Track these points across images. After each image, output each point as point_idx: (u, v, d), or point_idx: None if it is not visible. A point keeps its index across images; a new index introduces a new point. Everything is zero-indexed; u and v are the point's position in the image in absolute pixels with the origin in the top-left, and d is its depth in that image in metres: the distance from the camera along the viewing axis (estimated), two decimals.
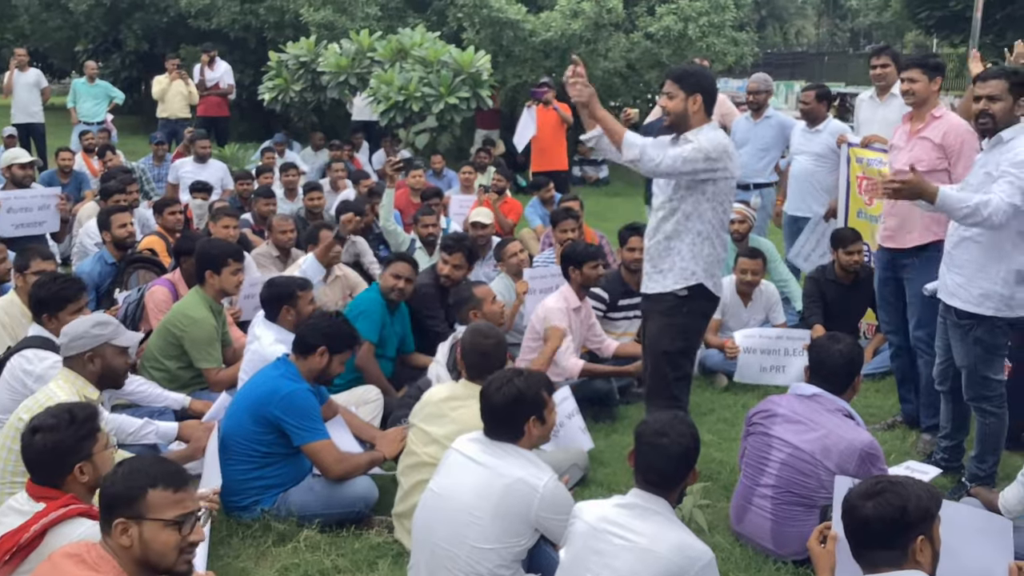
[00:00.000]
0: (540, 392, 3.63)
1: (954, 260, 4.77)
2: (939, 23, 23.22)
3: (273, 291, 5.40)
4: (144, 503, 2.67)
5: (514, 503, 3.42)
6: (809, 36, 46.65)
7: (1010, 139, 4.55)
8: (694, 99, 4.59)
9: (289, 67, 15.03)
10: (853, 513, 2.80)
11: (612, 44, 15.97)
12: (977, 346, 4.72)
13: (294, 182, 10.60)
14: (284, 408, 4.33)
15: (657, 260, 4.77)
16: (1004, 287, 4.59)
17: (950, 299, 4.79)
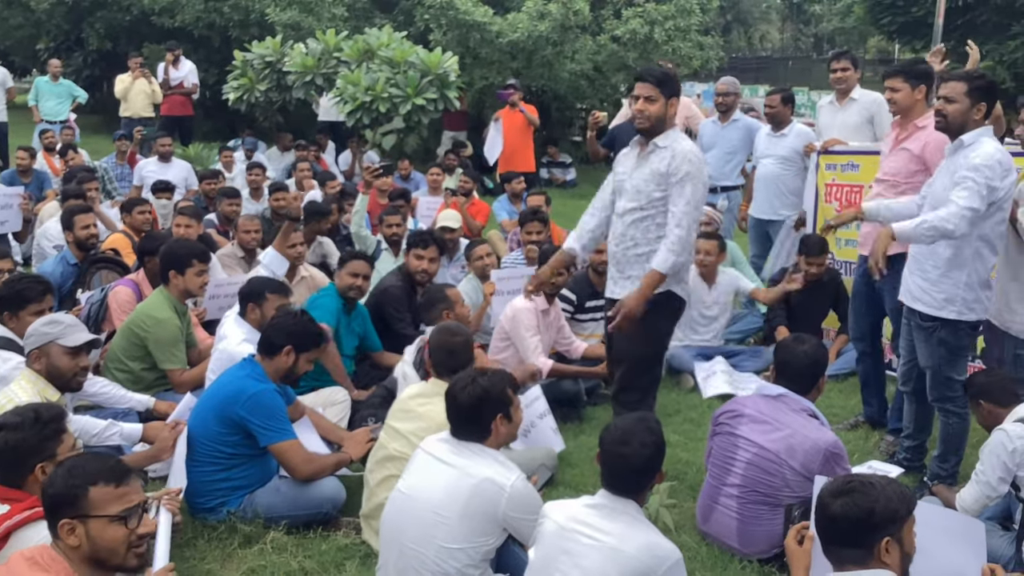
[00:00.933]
0: (505, 390, 3.64)
1: (918, 264, 4.83)
2: (901, 28, 23.44)
3: (248, 287, 5.40)
4: (87, 501, 2.67)
5: (482, 503, 3.41)
6: (773, 41, 47.04)
7: (971, 143, 4.60)
8: (672, 103, 4.65)
9: (254, 67, 14.92)
10: (822, 510, 2.83)
11: (579, 46, 16.02)
12: (941, 347, 4.78)
13: (259, 182, 10.54)
14: (250, 408, 4.30)
15: (624, 266, 4.79)
16: (967, 291, 4.66)
17: (914, 303, 4.85)
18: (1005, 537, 4.17)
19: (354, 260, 6.06)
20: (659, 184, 4.63)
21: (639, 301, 4.60)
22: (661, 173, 4.61)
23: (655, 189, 4.65)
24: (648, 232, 4.69)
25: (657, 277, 4.61)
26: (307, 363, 4.57)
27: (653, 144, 4.65)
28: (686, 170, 4.56)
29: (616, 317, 4.66)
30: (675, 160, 4.59)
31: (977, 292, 4.67)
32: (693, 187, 4.57)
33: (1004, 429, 4.14)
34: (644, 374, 4.82)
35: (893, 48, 33.21)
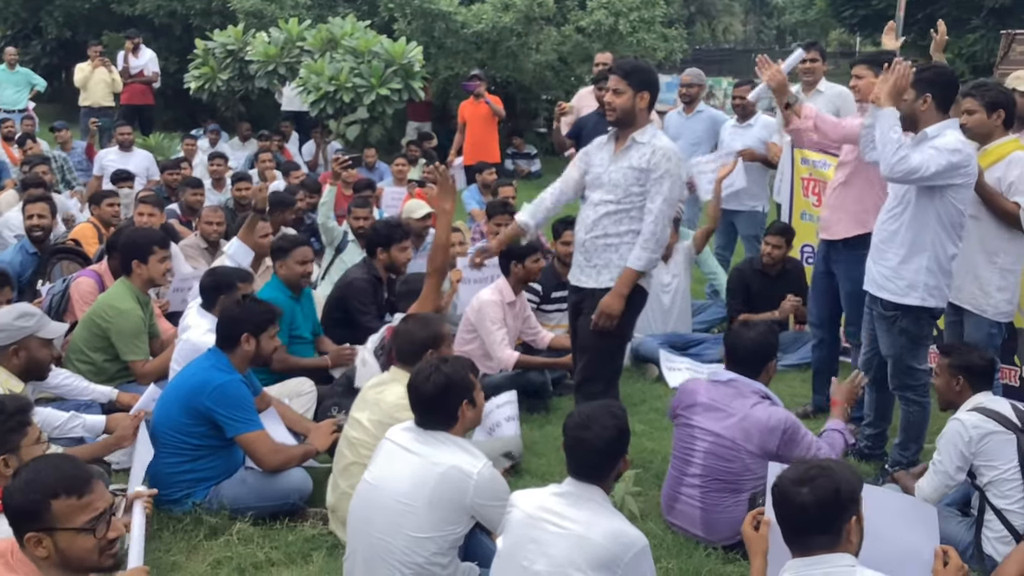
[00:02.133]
0: (467, 375, 3.66)
1: (880, 252, 4.90)
2: (862, 21, 23.68)
3: (213, 280, 5.34)
4: (50, 515, 2.57)
5: (448, 490, 3.41)
6: (736, 33, 47.25)
7: (934, 136, 4.65)
8: (642, 96, 4.64)
9: (216, 55, 14.76)
10: (789, 500, 2.82)
11: (543, 37, 16.02)
12: (903, 336, 4.86)
13: (221, 172, 10.45)
14: (216, 399, 4.27)
15: (592, 255, 4.80)
16: (928, 276, 4.73)
17: (877, 291, 4.92)
18: (964, 523, 4.25)
19: (300, 247, 6.01)
20: (638, 179, 4.65)
21: (617, 300, 4.65)
22: (641, 169, 4.64)
23: (633, 184, 4.66)
24: (620, 225, 4.71)
25: (633, 275, 4.66)
26: (270, 340, 4.56)
27: (632, 139, 4.67)
28: (665, 167, 4.59)
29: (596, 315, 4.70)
30: (655, 157, 4.61)
31: (938, 278, 4.75)
32: (671, 185, 4.61)
33: (959, 419, 4.20)
34: (607, 364, 4.86)
35: (854, 41, 33.50)
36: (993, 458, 4.08)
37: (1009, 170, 4.88)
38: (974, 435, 4.09)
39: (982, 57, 19.87)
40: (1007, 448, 4.06)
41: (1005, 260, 4.98)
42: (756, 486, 4.20)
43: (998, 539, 4.07)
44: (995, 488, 4.09)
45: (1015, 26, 14.38)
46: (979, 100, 4.92)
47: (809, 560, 2.79)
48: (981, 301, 5.01)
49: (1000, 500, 4.08)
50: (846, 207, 5.52)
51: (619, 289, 4.65)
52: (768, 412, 4.22)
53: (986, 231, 4.97)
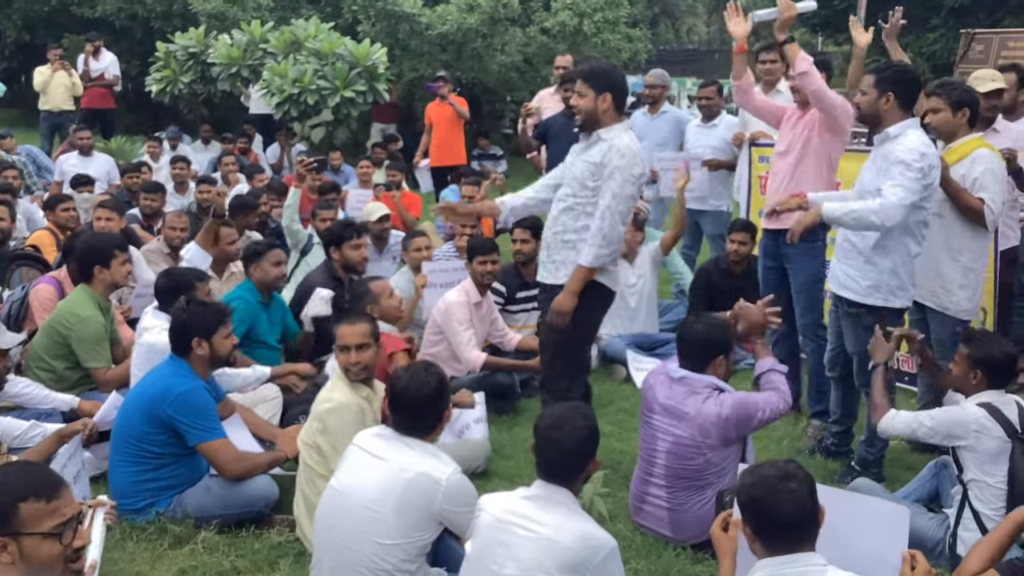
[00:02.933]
0: (447, 380, 3.69)
1: (845, 252, 4.93)
2: (824, 21, 23.84)
3: (170, 281, 5.27)
4: (17, 519, 2.51)
5: (416, 497, 3.39)
6: (700, 34, 47.53)
7: (896, 135, 4.70)
8: (603, 98, 4.64)
9: (178, 58, 14.64)
10: (779, 498, 2.81)
11: (508, 38, 16.02)
12: (868, 334, 4.86)
13: (184, 176, 10.35)
14: (178, 407, 4.22)
15: (553, 251, 4.81)
16: (892, 277, 4.76)
17: (841, 290, 4.96)
18: (934, 519, 4.27)
19: (274, 250, 6.00)
20: (593, 174, 4.65)
21: (568, 298, 4.65)
22: (596, 163, 4.63)
23: (588, 178, 4.66)
24: (577, 220, 4.70)
25: (583, 272, 4.64)
26: (224, 340, 4.47)
27: (597, 135, 4.68)
28: (616, 164, 4.57)
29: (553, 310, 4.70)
30: (608, 153, 4.60)
31: (902, 279, 4.78)
32: (621, 182, 4.57)
33: (965, 408, 4.17)
34: (571, 362, 4.85)
35: (816, 41, 33.75)
36: (984, 462, 4.07)
37: (973, 167, 4.92)
38: (973, 428, 4.08)
39: (942, 56, 20.07)
40: (1000, 457, 4.04)
41: (968, 258, 5.03)
42: (721, 481, 4.22)
43: (972, 540, 4.05)
44: (979, 492, 4.09)
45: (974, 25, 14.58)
46: (945, 99, 4.96)
47: (781, 560, 2.78)
48: (943, 299, 5.06)
49: (981, 504, 4.08)
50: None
51: (570, 287, 4.66)
52: (719, 402, 4.22)
53: (950, 229, 5.01)
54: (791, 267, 5.68)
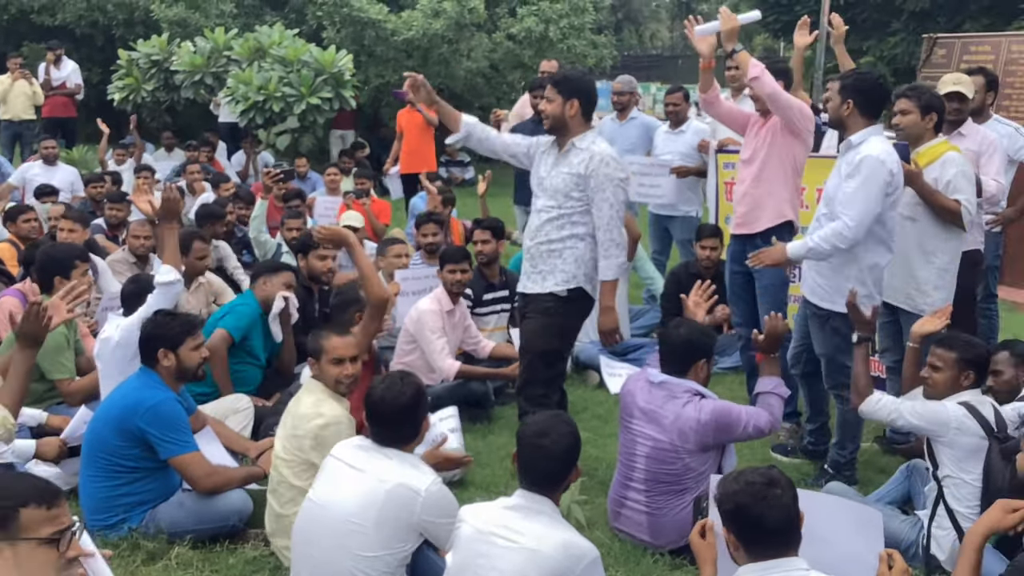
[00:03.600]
0: (424, 390, 3.66)
1: (815, 260, 4.99)
2: (786, 27, 24.07)
3: (136, 287, 5.21)
4: (17, 523, 2.51)
5: (396, 508, 3.36)
6: (664, 39, 47.69)
7: (858, 143, 4.78)
8: (571, 104, 4.67)
9: (140, 66, 14.50)
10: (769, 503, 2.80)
11: (474, 44, 16.01)
12: (835, 336, 4.95)
13: (149, 185, 10.20)
14: (149, 420, 4.14)
15: (537, 261, 4.82)
16: (859, 285, 4.81)
17: (810, 295, 5.04)
18: (907, 521, 4.30)
19: (285, 271, 5.98)
20: (577, 185, 4.69)
21: (610, 316, 4.84)
22: (579, 175, 4.67)
23: (573, 189, 4.70)
24: (562, 230, 4.74)
25: (610, 286, 4.78)
26: (191, 352, 4.38)
27: (571, 144, 4.70)
28: (604, 173, 4.62)
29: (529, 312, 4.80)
30: (592, 163, 4.64)
31: (868, 287, 4.85)
32: (613, 190, 4.65)
33: (945, 406, 4.20)
34: (548, 368, 4.86)
35: (779, 46, 34.05)
36: (960, 460, 4.10)
37: (945, 170, 4.97)
38: (952, 426, 4.11)
39: (903, 60, 20.32)
40: (976, 456, 4.08)
41: (942, 260, 5.07)
42: (699, 485, 4.22)
43: (945, 538, 4.12)
44: (954, 488, 4.13)
45: (934, 29, 14.74)
46: (914, 102, 5.01)
47: (764, 565, 2.78)
48: (919, 300, 5.09)
49: (956, 502, 4.11)
50: (762, 201, 5.62)
51: (605, 303, 4.80)
52: (698, 408, 4.22)
53: (923, 232, 5.05)
54: (757, 269, 5.70)
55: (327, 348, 4.15)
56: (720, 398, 4.46)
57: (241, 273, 7.93)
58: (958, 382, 4.30)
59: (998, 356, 4.69)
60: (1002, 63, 9.42)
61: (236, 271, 7.97)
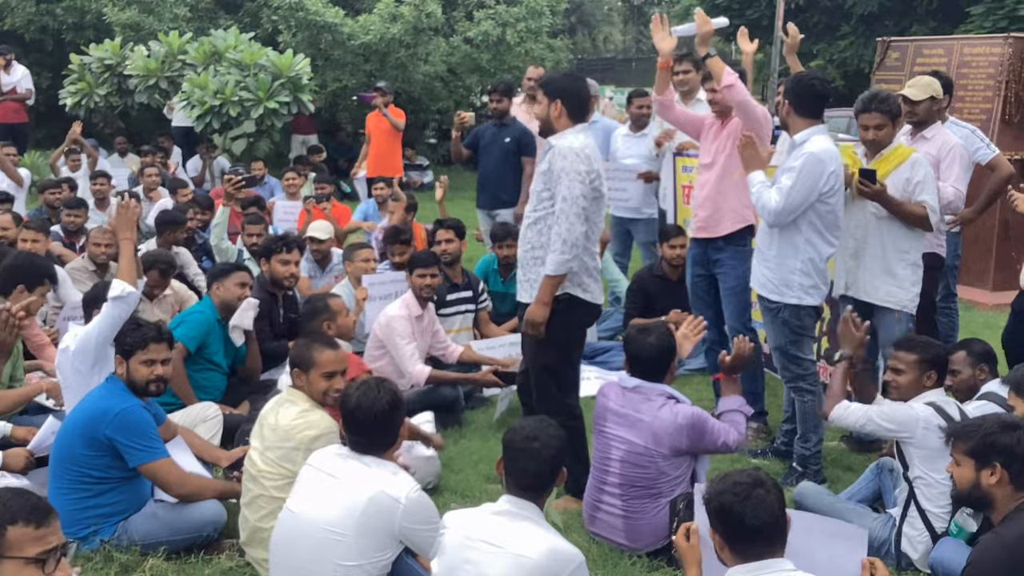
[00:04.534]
0: (400, 396, 3.63)
1: (762, 254, 5.15)
2: (736, 31, 24.40)
3: (95, 294, 5.14)
4: (4, 540, 2.49)
5: (377, 516, 3.33)
6: (616, 43, 48.06)
7: (801, 142, 4.91)
8: (555, 104, 4.59)
9: (92, 70, 14.29)
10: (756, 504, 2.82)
11: (432, 48, 15.99)
12: (785, 328, 5.08)
13: (105, 191, 10.07)
14: (116, 427, 4.07)
15: (527, 269, 4.74)
16: (803, 277, 4.96)
17: (761, 289, 5.16)
18: (879, 520, 4.35)
19: (239, 271, 5.88)
20: (545, 184, 4.58)
21: (539, 309, 4.55)
22: (544, 172, 4.58)
23: (543, 189, 4.59)
24: (542, 235, 4.60)
25: (550, 281, 4.52)
26: (140, 366, 4.25)
27: (547, 143, 4.65)
28: (560, 166, 4.46)
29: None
30: (554, 157, 4.52)
31: (813, 278, 4.98)
32: (568, 183, 4.43)
33: (913, 407, 4.26)
34: (556, 379, 4.73)
35: (730, 49, 34.41)
36: (930, 459, 4.16)
37: (915, 171, 5.08)
38: (921, 425, 4.17)
39: (853, 63, 20.63)
40: (945, 454, 4.12)
41: (915, 255, 5.21)
42: (674, 490, 4.25)
43: (918, 538, 4.18)
44: (925, 488, 4.19)
45: (883, 33, 14.99)
46: (886, 114, 5.11)
47: (751, 566, 2.81)
48: (900, 296, 5.17)
49: (927, 502, 4.18)
50: (724, 205, 5.68)
51: (540, 297, 4.55)
52: (674, 411, 4.25)
53: (898, 231, 5.14)
54: (720, 272, 5.78)
55: (320, 361, 4.10)
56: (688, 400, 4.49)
57: (202, 280, 7.81)
58: (921, 383, 4.38)
59: (956, 356, 4.77)
60: (955, 66, 9.60)
61: (197, 278, 7.87)
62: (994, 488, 3.20)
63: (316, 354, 4.11)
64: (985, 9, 17.19)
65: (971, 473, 3.25)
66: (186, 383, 5.47)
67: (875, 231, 5.13)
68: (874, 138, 5.12)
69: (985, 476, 3.21)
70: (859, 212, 5.18)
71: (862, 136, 5.19)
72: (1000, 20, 16.56)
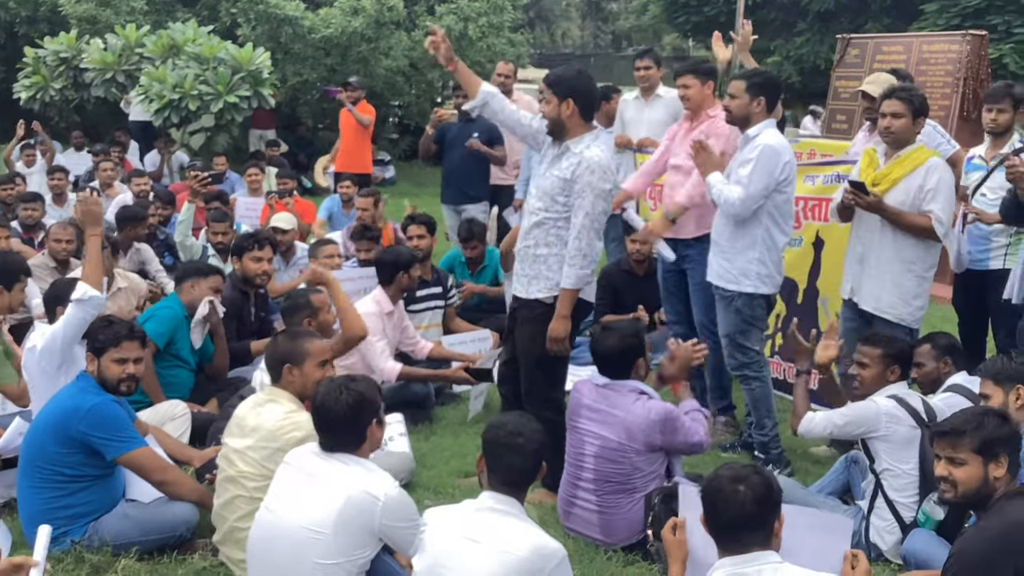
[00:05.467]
0: (376, 394, 3.58)
1: (718, 247, 5.25)
2: (696, 27, 24.50)
3: (55, 292, 5.06)
4: None
5: (356, 514, 3.31)
6: (574, 38, 48.10)
7: (754, 136, 5.03)
8: (567, 104, 4.51)
9: (48, 63, 14.05)
10: (727, 499, 2.87)
11: (394, 43, 15.88)
12: (737, 316, 5.18)
13: (62, 186, 9.91)
14: (90, 423, 4.01)
15: (525, 264, 4.76)
16: (760, 266, 5.08)
17: (717, 280, 5.27)
18: (849, 511, 4.42)
19: (215, 275, 5.84)
20: (563, 189, 4.56)
21: (563, 324, 4.61)
22: (566, 179, 4.54)
23: (559, 193, 4.57)
24: (548, 235, 4.63)
25: (569, 295, 4.59)
26: (112, 364, 4.20)
27: (566, 146, 4.58)
28: (587, 180, 4.47)
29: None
30: (579, 168, 4.50)
31: (769, 267, 5.12)
32: (593, 199, 4.48)
33: (875, 401, 4.34)
34: (547, 374, 4.79)
35: (688, 46, 34.61)
36: (896, 451, 4.24)
37: (929, 177, 4.88)
38: (884, 419, 4.24)
39: (809, 59, 20.88)
40: (911, 445, 4.22)
41: (921, 267, 5.02)
42: (648, 485, 4.28)
43: (886, 528, 4.25)
44: (892, 480, 4.26)
45: (839, 30, 15.18)
46: (908, 104, 4.90)
47: (742, 558, 2.84)
48: (902, 310, 5.03)
49: (894, 492, 4.25)
50: (688, 215, 5.70)
51: (561, 312, 4.59)
52: (647, 407, 4.28)
53: (903, 241, 4.98)
54: (690, 267, 5.83)
55: (314, 351, 4.09)
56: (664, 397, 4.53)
57: (164, 276, 7.75)
58: (884, 377, 4.47)
59: (920, 349, 4.83)
60: (914, 63, 9.74)
61: (159, 274, 7.79)
62: (1000, 481, 3.20)
63: (308, 345, 4.10)
64: (939, 7, 17.47)
65: (979, 470, 3.22)
66: (154, 379, 5.41)
67: (881, 238, 5.01)
68: (889, 125, 4.92)
69: (993, 469, 3.20)
70: (868, 217, 5.05)
71: (880, 124, 5.01)
72: (953, 17, 16.85)
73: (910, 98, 4.93)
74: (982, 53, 9.69)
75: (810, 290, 6.22)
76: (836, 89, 11.07)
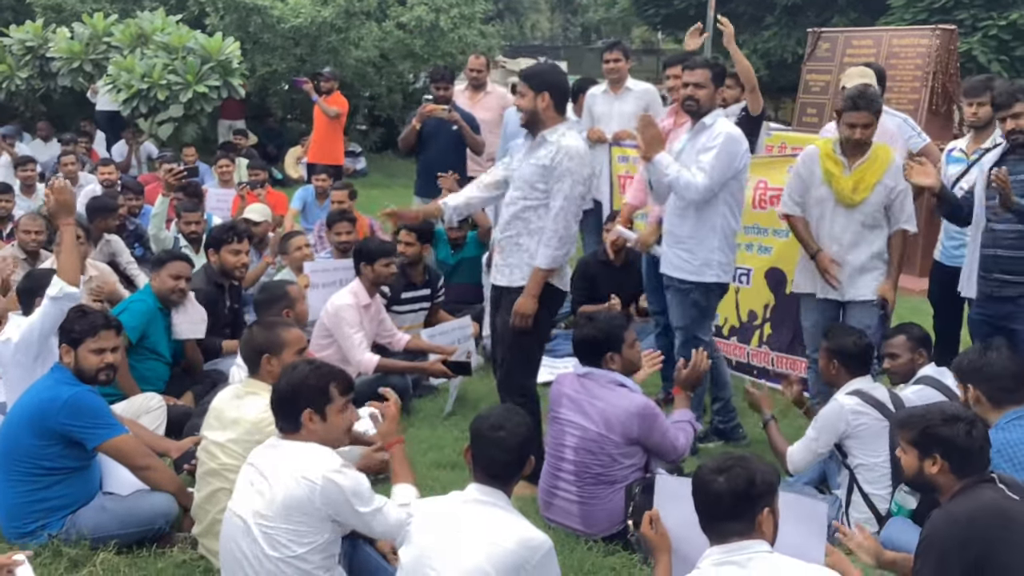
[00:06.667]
0: (327, 385, 3.45)
1: (675, 237, 5.27)
2: (665, 20, 24.56)
3: (29, 283, 5.01)
4: None
5: (297, 501, 3.24)
6: (544, 30, 48.02)
7: (711, 124, 5.11)
8: (542, 97, 4.67)
9: (13, 52, 13.84)
10: (705, 488, 2.91)
11: (364, 33, 15.77)
12: (694, 308, 5.25)
13: (32, 178, 9.78)
14: (69, 413, 3.97)
15: (507, 254, 4.85)
16: (721, 254, 5.16)
17: (674, 271, 5.29)
18: (827, 500, 4.47)
19: (175, 261, 5.75)
20: (542, 176, 4.67)
21: (530, 301, 4.69)
22: (544, 166, 4.65)
23: (538, 180, 4.69)
24: (529, 223, 4.74)
25: (541, 274, 4.68)
26: (89, 355, 4.14)
27: (542, 136, 4.71)
28: (566, 166, 4.60)
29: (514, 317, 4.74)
30: (557, 155, 4.62)
31: (728, 255, 5.19)
32: (572, 184, 4.60)
33: (838, 400, 4.43)
34: (524, 360, 4.91)
35: (657, 39, 34.72)
36: (866, 444, 4.32)
37: (898, 178, 5.06)
38: (850, 418, 4.33)
39: (777, 53, 20.99)
40: (880, 437, 4.29)
41: (886, 252, 5.23)
42: (628, 477, 4.30)
43: (864, 522, 4.28)
44: (866, 473, 4.33)
45: (806, 24, 15.33)
46: (874, 115, 5.05)
47: (728, 547, 2.86)
48: (874, 286, 5.19)
49: (868, 485, 4.33)
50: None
51: (530, 290, 4.69)
52: (628, 398, 4.31)
53: (877, 237, 5.18)
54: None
55: (291, 340, 4.09)
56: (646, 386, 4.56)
57: (135, 268, 7.68)
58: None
59: (895, 340, 4.90)
60: (884, 57, 9.84)
61: (129, 266, 7.71)
62: (936, 477, 3.24)
63: (284, 334, 4.10)
64: (905, 1, 17.60)
65: (915, 462, 3.29)
66: (127, 373, 5.36)
67: (859, 238, 5.16)
68: (860, 137, 5.04)
69: (927, 466, 3.25)
70: (843, 218, 5.16)
71: (846, 134, 5.07)
72: (920, 12, 16.99)
73: (877, 108, 5.10)
74: (951, 47, 9.81)
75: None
76: (807, 83, 11.15)
